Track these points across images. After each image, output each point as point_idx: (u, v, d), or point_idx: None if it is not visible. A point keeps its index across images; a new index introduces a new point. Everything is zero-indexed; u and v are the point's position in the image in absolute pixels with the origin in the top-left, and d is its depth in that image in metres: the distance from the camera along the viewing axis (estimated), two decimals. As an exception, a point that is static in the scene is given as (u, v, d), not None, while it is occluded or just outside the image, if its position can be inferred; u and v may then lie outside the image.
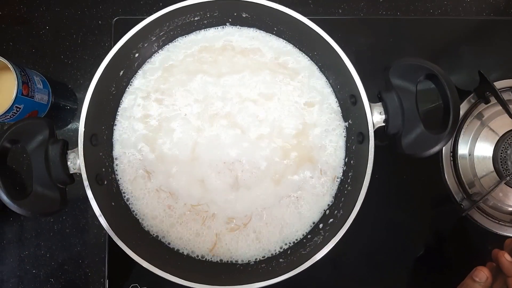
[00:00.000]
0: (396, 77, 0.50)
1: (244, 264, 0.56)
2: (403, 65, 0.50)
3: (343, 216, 0.52)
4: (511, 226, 0.64)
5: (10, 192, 0.47)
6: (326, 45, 0.53)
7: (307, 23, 0.53)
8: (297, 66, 0.61)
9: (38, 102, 0.65)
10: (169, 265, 0.50)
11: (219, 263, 0.56)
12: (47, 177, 0.48)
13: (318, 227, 0.57)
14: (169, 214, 0.58)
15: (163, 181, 0.58)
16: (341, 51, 0.52)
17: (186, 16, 0.58)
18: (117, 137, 0.59)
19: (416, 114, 0.49)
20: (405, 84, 0.50)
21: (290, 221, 0.57)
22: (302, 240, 0.57)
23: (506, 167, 0.63)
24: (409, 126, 0.49)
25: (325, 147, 0.59)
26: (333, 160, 0.59)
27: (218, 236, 0.57)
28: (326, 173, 0.58)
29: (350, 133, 0.58)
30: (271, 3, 0.54)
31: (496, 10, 0.74)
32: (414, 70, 0.49)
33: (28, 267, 0.65)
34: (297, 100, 0.60)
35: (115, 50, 0.53)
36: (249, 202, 0.58)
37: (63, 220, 0.66)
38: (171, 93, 0.60)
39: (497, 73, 0.70)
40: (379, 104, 0.51)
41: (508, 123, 0.64)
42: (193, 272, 0.53)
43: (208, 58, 0.61)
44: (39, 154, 0.48)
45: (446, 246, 0.67)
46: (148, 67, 0.61)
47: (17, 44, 0.71)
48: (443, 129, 0.48)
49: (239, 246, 0.57)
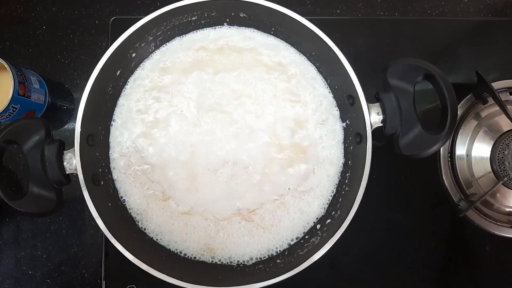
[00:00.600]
0: (394, 77, 0.50)
1: (241, 264, 0.56)
2: (401, 65, 0.50)
3: (340, 217, 0.52)
4: (508, 227, 0.64)
5: (6, 192, 0.47)
6: (324, 45, 0.53)
7: (304, 22, 0.53)
8: (294, 67, 0.61)
9: (35, 102, 0.64)
10: (166, 266, 0.50)
11: (216, 264, 0.56)
12: (43, 177, 0.48)
13: (316, 227, 0.57)
14: (166, 214, 0.58)
15: (159, 180, 0.57)
16: (339, 51, 0.52)
17: (183, 16, 0.58)
18: (113, 137, 0.59)
19: (414, 115, 0.49)
20: (403, 84, 0.50)
21: (287, 222, 0.57)
22: (300, 241, 0.56)
23: (504, 167, 0.63)
24: (407, 127, 0.49)
25: (322, 147, 0.59)
26: (329, 160, 0.59)
27: (215, 236, 0.57)
28: (322, 173, 0.58)
29: (348, 133, 0.58)
30: (269, 3, 0.54)
31: (494, 10, 0.74)
32: (412, 70, 0.49)
33: (25, 268, 0.65)
34: (293, 99, 0.60)
35: (111, 50, 0.53)
36: (246, 201, 0.58)
37: (60, 221, 0.66)
38: (168, 91, 0.60)
39: (495, 73, 0.70)
40: (377, 105, 0.51)
41: (506, 123, 0.64)
42: (190, 273, 0.53)
43: (204, 57, 0.61)
44: (35, 154, 0.48)
45: (443, 247, 0.67)
46: (146, 66, 0.61)
47: (13, 44, 0.70)
48: (440, 129, 0.48)
49: (236, 246, 0.56)
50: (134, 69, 0.61)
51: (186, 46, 0.62)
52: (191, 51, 0.61)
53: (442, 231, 0.67)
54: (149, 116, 0.59)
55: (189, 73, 0.60)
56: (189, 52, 0.61)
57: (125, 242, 0.49)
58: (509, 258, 0.67)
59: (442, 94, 0.48)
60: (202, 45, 0.62)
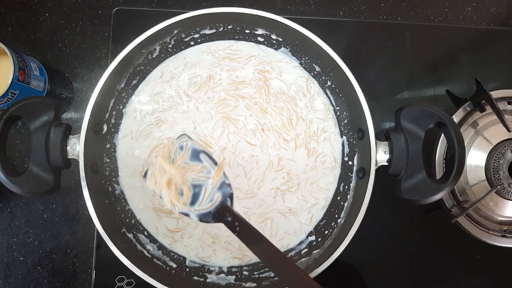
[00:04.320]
0: (406, 119, 0.49)
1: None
2: (416, 109, 0.49)
3: (330, 247, 0.52)
4: (499, 236, 0.64)
5: (6, 167, 0.47)
6: (345, 79, 0.53)
7: (330, 53, 0.53)
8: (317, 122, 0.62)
9: (34, 89, 0.64)
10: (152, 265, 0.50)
11: (203, 268, 0.57)
12: (44, 158, 0.48)
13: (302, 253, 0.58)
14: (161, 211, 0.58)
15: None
16: (356, 83, 0.51)
17: (208, 24, 0.59)
18: (121, 129, 0.60)
19: (420, 160, 0.48)
20: (415, 128, 0.49)
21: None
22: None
23: (498, 176, 0.63)
24: (411, 171, 0.48)
25: (322, 174, 0.60)
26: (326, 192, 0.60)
27: (212, 236, 0.57)
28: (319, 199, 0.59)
29: (350, 167, 0.59)
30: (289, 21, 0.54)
31: (496, 20, 0.74)
32: (426, 116, 0.49)
33: (16, 254, 0.65)
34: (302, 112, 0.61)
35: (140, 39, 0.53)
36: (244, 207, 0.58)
37: (53, 208, 0.66)
38: (178, 83, 0.61)
39: (495, 83, 0.70)
40: (385, 143, 0.50)
41: (502, 133, 0.64)
42: (176, 279, 0.54)
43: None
44: (41, 134, 0.48)
45: (434, 253, 0.67)
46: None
47: (15, 30, 0.70)
48: (444, 179, 0.47)
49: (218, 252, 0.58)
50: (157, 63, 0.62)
51: (207, 48, 0.63)
52: (212, 54, 0.63)
53: (433, 237, 0.67)
54: (158, 112, 0.60)
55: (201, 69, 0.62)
56: (210, 53, 0.63)
57: (115, 237, 0.49)
58: (499, 268, 0.67)
59: (452, 145, 0.48)
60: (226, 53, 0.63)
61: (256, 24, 0.58)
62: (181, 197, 0.41)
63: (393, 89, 0.71)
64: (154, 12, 0.70)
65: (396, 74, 0.71)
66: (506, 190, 0.63)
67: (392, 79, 0.71)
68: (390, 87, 0.71)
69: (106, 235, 0.48)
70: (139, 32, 0.54)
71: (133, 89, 0.60)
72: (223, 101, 0.60)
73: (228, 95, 0.60)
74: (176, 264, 0.56)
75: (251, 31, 0.60)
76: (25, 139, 0.67)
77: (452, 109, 0.68)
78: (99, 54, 0.70)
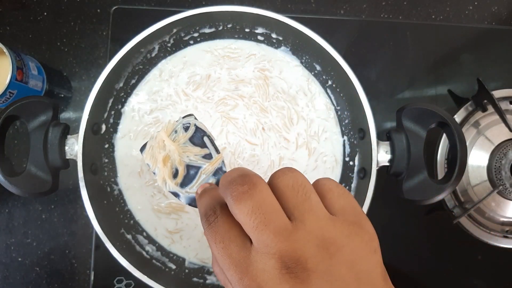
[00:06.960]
0: (408, 119, 0.49)
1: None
2: (418, 109, 0.49)
3: None
4: (501, 236, 0.64)
5: (4, 167, 0.46)
6: (346, 78, 0.52)
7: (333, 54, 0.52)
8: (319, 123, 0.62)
9: (32, 89, 0.64)
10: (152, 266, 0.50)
11: (202, 269, 0.56)
12: (42, 159, 0.47)
13: None
14: (160, 211, 0.57)
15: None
16: (358, 83, 0.51)
17: (203, 25, 0.58)
18: (120, 129, 0.59)
19: (422, 160, 0.48)
20: (416, 128, 0.49)
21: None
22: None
23: (500, 177, 0.63)
24: (413, 171, 0.48)
25: (323, 174, 0.59)
26: None
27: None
28: None
29: (351, 167, 0.58)
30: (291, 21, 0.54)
31: (498, 19, 0.74)
32: (427, 116, 0.48)
33: (14, 255, 0.64)
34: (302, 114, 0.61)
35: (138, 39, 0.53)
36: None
37: (52, 209, 0.65)
38: (178, 82, 0.60)
39: (496, 82, 0.70)
40: (386, 143, 0.50)
41: (504, 132, 0.64)
42: (176, 281, 0.54)
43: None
44: (39, 134, 0.48)
45: (436, 253, 0.66)
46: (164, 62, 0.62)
47: (14, 29, 0.70)
48: (446, 179, 0.47)
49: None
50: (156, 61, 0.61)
51: (206, 47, 0.62)
52: (211, 52, 0.62)
53: (435, 237, 0.67)
54: (158, 112, 0.59)
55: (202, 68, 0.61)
56: (209, 51, 0.62)
57: (114, 238, 0.49)
58: (500, 269, 0.67)
59: (454, 145, 0.47)
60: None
61: (256, 23, 0.58)
62: (174, 178, 0.40)
63: (394, 88, 0.71)
64: (153, 11, 0.70)
65: (398, 73, 0.71)
66: (508, 190, 0.62)
67: (393, 78, 0.71)
68: (391, 87, 0.71)
69: (105, 236, 0.48)
70: (138, 31, 0.53)
71: (131, 89, 0.60)
72: (222, 100, 0.60)
73: (228, 94, 0.60)
74: (176, 265, 0.56)
75: (251, 30, 0.59)
76: (23, 139, 0.66)
77: (453, 109, 0.68)
78: (98, 53, 0.69)
